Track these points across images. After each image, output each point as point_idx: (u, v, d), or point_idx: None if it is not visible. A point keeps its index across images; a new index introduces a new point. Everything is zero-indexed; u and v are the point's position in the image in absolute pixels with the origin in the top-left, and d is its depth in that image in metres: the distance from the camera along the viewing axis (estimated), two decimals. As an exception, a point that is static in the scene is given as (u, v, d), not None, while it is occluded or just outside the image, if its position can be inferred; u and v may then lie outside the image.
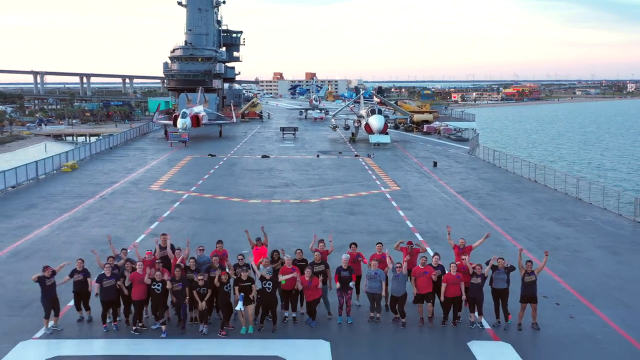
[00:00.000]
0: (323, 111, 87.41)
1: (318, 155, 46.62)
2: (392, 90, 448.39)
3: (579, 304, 16.17)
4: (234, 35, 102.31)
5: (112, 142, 51.77)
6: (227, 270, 14.20)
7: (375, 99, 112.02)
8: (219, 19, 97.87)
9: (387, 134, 53.96)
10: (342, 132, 61.61)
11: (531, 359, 12.98)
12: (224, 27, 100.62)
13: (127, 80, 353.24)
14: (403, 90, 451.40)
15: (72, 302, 14.66)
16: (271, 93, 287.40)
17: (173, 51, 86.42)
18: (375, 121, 52.83)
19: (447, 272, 14.70)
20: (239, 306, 13.55)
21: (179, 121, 52.89)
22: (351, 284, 14.79)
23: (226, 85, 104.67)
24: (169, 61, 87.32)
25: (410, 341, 13.92)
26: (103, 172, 38.15)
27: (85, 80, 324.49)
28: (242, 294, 13.57)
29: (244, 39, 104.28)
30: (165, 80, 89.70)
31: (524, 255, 15.02)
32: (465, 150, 51.21)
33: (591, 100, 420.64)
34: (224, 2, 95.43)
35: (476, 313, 14.56)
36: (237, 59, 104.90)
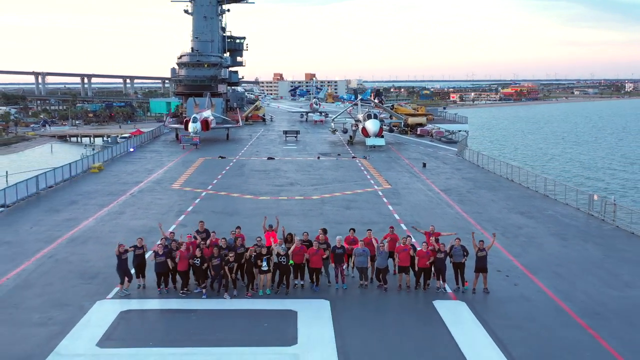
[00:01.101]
0: (323, 114, 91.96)
1: (319, 157, 51.07)
2: (392, 90, 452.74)
3: (524, 275, 20.68)
4: (237, 41, 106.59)
5: (130, 145, 56.29)
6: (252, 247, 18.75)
7: (374, 101, 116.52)
8: (224, 25, 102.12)
9: (382, 137, 58.41)
10: (340, 135, 65.93)
11: (479, 312, 17.44)
12: (228, 34, 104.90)
13: (128, 81, 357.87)
14: (402, 90, 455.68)
15: (132, 271, 19.09)
16: (272, 94, 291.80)
17: (180, 57, 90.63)
18: (371, 125, 57.25)
19: (418, 249, 19.33)
20: (264, 267, 18.14)
21: (190, 126, 57.23)
22: (345, 266, 19.45)
23: (229, 88, 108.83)
24: (176, 67, 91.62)
25: (390, 301, 18.43)
26: (127, 173, 42.64)
27: (86, 80, 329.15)
28: (265, 258, 18.16)
29: (247, 44, 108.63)
30: (174, 85, 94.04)
31: (477, 236, 19.65)
32: (453, 152, 55.67)
33: (589, 100, 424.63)
34: (228, 11, 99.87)
35: (441, 280, 19.10)
36: (240, 64, 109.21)
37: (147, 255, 19.35)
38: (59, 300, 18.05)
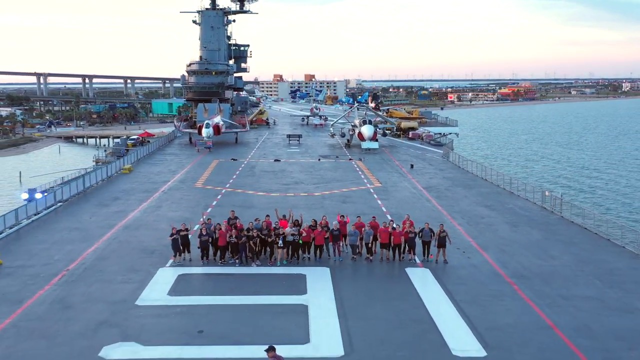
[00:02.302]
0: (323, 118, 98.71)
1: (319, 159, 57.60)
2: (390, 90, 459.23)
3: (476, 251, 27.23)
4: (242, 48, 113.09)
5: (151, 148, 62.93)
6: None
7: (371, 104, 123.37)
8: (229, 34, 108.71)
9: (376, 140, 64.93)
10: (339, 138, 72.36)
11: (439, 276, 23.92)
12: (233, 41, 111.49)
13: (129, 82, 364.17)
14: (401, 90, 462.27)
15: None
16: (271, 95, 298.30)
17: (189, 65, 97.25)
18: (366, 130, 63.83)
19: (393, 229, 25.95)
20: (280, 244, 24.72)
21: (204, 131, 63.86)
22: (341, 244, 26.10)
23: (234, 93, 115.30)
24: (185, 74, 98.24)
25: (374, 268, 25.00)
26: (154, 174, 49.19)
27: (87, 81, 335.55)
28: (281, 237, 24.74)
29: (250, 51, 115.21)
30: (185, 91, 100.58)
31: (441, 225, 26.28)
32: (440, 154, 62.19)
33: (585, 100, 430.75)
34: (234, 21, 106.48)
35: (412, 254, 25.70)
36: (244, 70, 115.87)
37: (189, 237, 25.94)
38: (131, 267, 24.62)
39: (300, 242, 25.38)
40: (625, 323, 19.37)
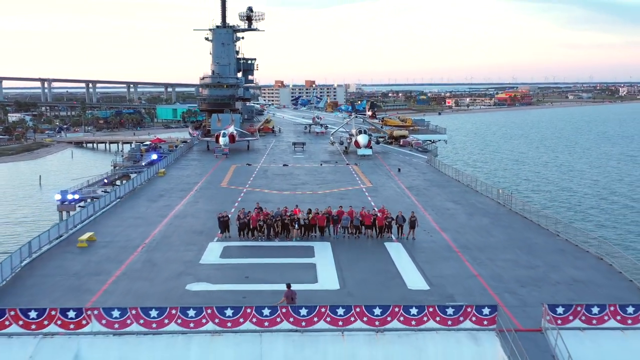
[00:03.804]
0: (323, 126, 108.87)
1: (321, 164, 67.53)
2: (390, 95, 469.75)
3: (437, 232, 37.19)
4: (249, 62, 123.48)
5: (176, 155, 73.03)
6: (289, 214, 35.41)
7: (368, 113, 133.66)
8: (237, 49, 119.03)
9: (370, 147, 74.90)
10: (338, 146, 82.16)
11: (408, 248, 33.79)
12: (241, 56, 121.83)
13: (132, 87, 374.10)
14: (400, 95, 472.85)
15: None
16: (272, 101, 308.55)
17: (203, 79, 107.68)
18: (362, 139, 73.87)
19: (376, 215, 35.98)
20: (296, 226, 34.70)
21: (221, 140, 73.91)
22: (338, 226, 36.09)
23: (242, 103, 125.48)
24: (199, 87, 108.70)
25: (361, 243, 34.94)
26: (184, 176, 59.19)
27: (91, 86, 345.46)
28: (296, 222, 34.72)
29: (257, 64, 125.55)
30: (199, 102, 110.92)
31: (412, 212, 36.33)
32: (425, 160, 72.21)
33: (581, 105, 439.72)
34: (242, 38, 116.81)
35: (390, 233, 35.68)
36: (251, 82, 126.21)
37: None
38: (189, 242, 34.60)
39: (309, 222, 35.34)
40: (526, 274, 29.34)
